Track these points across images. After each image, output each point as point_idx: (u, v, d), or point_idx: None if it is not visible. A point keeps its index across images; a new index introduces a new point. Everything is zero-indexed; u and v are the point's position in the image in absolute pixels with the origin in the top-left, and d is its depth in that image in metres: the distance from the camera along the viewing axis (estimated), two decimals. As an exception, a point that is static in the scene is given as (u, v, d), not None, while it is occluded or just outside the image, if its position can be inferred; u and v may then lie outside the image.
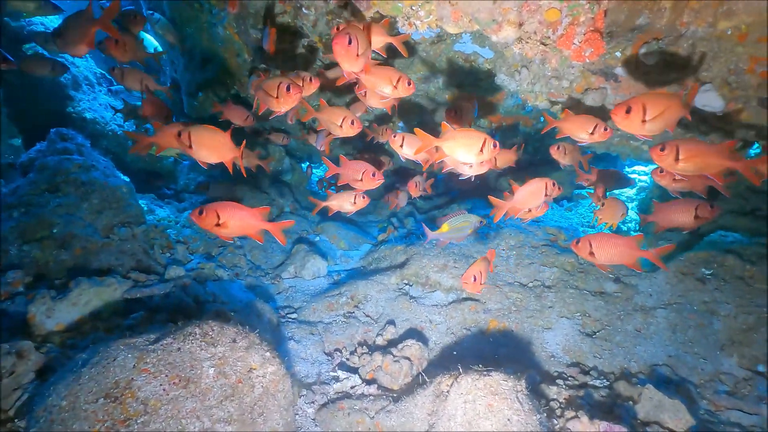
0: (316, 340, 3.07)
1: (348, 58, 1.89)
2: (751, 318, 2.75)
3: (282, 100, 2.94)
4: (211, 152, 2.15)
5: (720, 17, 1.74)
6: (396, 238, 5.16)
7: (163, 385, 1.64)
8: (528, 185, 2.34)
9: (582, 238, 2.16)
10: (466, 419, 1.88)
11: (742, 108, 2.54)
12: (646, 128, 1.83)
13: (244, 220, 2.15)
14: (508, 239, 4.13)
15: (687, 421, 2.07)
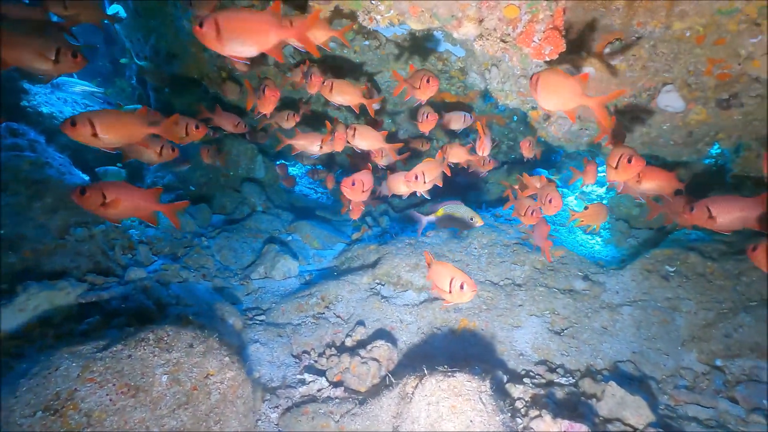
0: (283, 342, 3.00)
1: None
2: (711, 314, 2.82)
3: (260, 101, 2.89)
4: (118, 136, 1.99)
5: (674, 18, 1.76)
6: (370, 237, 5.12)
7: (109, 395, 1.56)
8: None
9: None
10: (429, 421, 1.85)
11: (702, 109, 2.60)
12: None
13: (134, 201, 2.03)
14: (480, 238, 4.14)
15: (647, 417, 2.10)
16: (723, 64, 2.10)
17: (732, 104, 2.43)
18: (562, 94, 1.72)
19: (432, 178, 2.96)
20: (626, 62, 2.42)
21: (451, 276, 2.05)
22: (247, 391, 2.01)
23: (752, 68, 1.82)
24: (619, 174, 2.07)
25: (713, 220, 1.98)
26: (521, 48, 1.68)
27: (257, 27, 1.60)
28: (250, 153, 5.72)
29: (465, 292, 2.03)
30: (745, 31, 1.76)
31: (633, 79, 2.56)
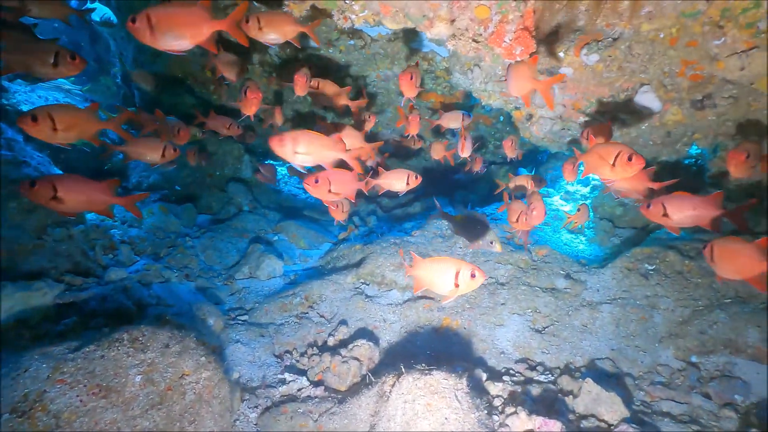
0: (265, 342, 2.99)
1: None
2: (687, 311, 2.87)
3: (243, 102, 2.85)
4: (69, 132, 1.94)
5: (642, 20, 1.79)
6: (356, 237, 5.13)
7: (80, 396, 1.55)
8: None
9: None
10: (404, 419, 1.87)
11: (678, 109, 2.64)
12: None
13: (88, 194, 1.94)
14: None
15: (621, 412, 2.13)
16: (695, 65, 2.14)
17: (706, 105, 2.47)
18: (519, 78, 1.78)
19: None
20: (603, 63, 2.45)
21: (457, 268, 1.92)
22: (224, 391, 2.00)
23: (717, 70, 1.86)
24: (616, 172, 1.99)
25: (667, 217, 2.01)
26: (493, 48, 1.70)
27: (189, 20, 1.62)
28: (237, 153, 5.69)
29: (477, 280, 1.91)
30: (708, 33, 1.80)
31: (610, 79, 2.59)
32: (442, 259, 2.00)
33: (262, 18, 2.16)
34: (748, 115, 2.45)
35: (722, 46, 1.79)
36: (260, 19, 2.22)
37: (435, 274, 1.97)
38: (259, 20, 2.22)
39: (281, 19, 2.24)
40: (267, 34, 2.12)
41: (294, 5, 2.05)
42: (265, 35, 2.11)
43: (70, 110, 1.99)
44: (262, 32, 2.19)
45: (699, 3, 1.66)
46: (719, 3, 1.62)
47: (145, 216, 3.95)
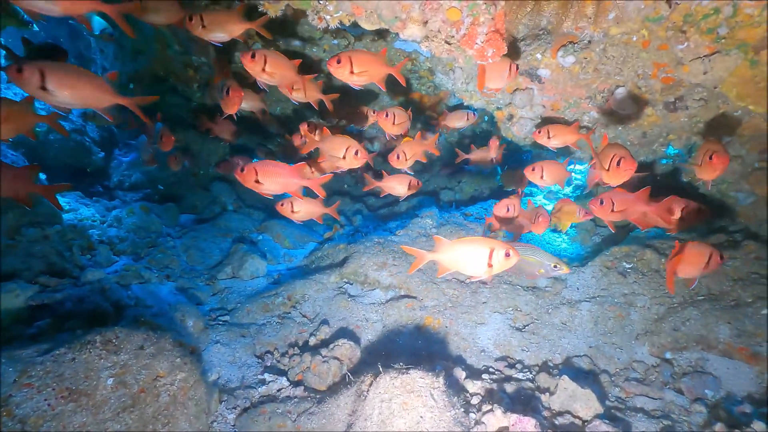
0: (246, 342, 2.98)
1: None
2: (662, 308, 2.92)
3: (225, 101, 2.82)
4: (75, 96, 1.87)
5: (611, 24, 1.82)
6: (342, 236, 5.13)
7: (48, 400, 1.53)
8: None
9: None
10: (381, 418, 1.87)
11: (652, 111, 2.69)
12: None
13: (3, 181, 1.90)
14: (448, 236, 4.19)
15: (596, 408, 2.16)
16: (666, 68, 2.18)
17: (678, 107, 2.52)
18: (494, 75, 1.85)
19: (413, 155, 3.01)
20: (579, 65, 2.48)
21: (490, 248, 1.85)
22: (201, 393, 1.99)
23: (683, 73, 1.90)
24: (610, 177, 2.01)
25: (617, 213, 2.06)
26: (465, 50, 1.71)
27: None
28: (221, 152, 5.65)
29: (512, 259, 1.86)
30: (672, 38, 1.83)
31: (587, 81, 2.63)
32: (471, 239, 1.93)
33: (207, 17, 2.15)
34: (717, 117, 2.50)
35: (686, 51, 1.83)
36: (204, 17, 2.20)
37: (465, 256, 1.90)
38: (203, 18, 2.20)
39: (226, 18, 2.22)
40: (212, 33, 2.11)
41: (269, 5, 2.04)
42: (209, 33, 2.10)
43: (4, 104, 1.95)
44: (206, 30, 2.16)
45: (662, 9, 1.70)
46: (682, 8, 1.65)
47: (126, 216, 3.90)
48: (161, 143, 3.33)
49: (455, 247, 1.92)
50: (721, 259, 1.90)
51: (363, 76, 2.05)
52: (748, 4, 1.49)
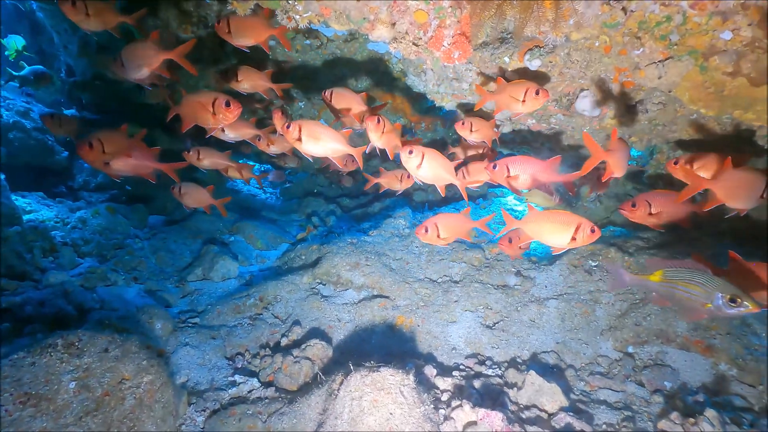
0: (217, 344, 2.94)
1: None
2: (625, 304, 3.04)
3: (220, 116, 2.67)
4: None
5: (572, 29, 1.89)
6: (315, 237, 5.11)
7: (4, 406, 1.48)
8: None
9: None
10: (351, 416, 1.89)
11: (614, 114, 2.80)
12: None
13: None
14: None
15: (561, 402, 2.24)
16: (627, 72, 2.28)
17: (639, 110, 2.64)
18: None
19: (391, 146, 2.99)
20: (545, 68, 2.56)
21: (578, 223, 1.95)
22: (168, 395, 1.95)
23: (640, 77, 1.99)
24: (527, 106, 2.14)
25: (512, 178, 2.16)
26: (432, 52, 1.75)
27: None
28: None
29: (596, 234, 1.97)
30: (629, 44, 1.93)
31: (552, 84, 2.71)
32: (561, 213, 2.04)
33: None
34: (675, 120, 2.63)
35: (642, 56, 1.92)
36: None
37: (552, 227, 2.01)
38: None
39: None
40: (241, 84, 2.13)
41: (237, 4, 2.03)
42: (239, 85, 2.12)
43: None
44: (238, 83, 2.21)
45: (618, 16, 1.78)
46: (636, 16, 1.74)
47: (91, 217, 3.78)
48: None
49: (543, 218, 2.05)
50: None
51: (312, 147, 2.02)
52: (695, 12, 1.59)
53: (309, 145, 1.94)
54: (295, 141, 1.94)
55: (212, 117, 2.28)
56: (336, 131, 1.92)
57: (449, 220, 2.46)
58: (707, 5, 1.49)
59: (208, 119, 2.30)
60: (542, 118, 3.19)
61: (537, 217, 2.07)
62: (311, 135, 1.91)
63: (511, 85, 2.10)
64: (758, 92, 1.64)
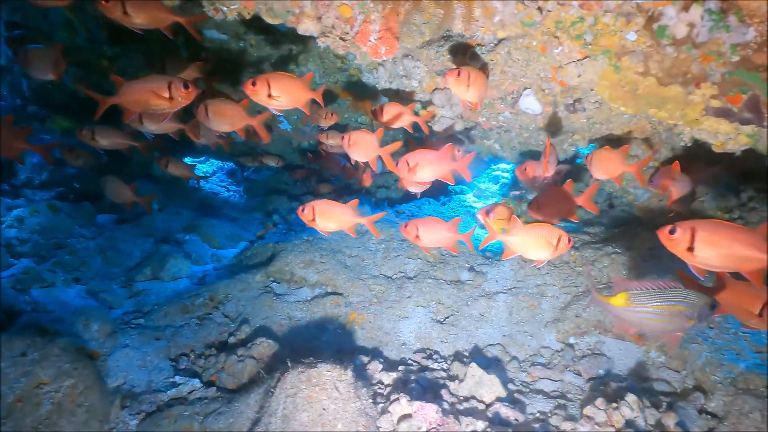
0: (161, 345, 2.86)
1: None
2: (568, 297, 3.14)
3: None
4: None
5: (497, 27, 1.93)
6: (275, 235, 5.05)
7: None
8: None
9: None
10: (284, 413, 1.87)
11: (555, 112, 2.87)
12: None
13: None
14: (380, 233, 4.24)
15: (499, 393, 2.29)
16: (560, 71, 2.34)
17: (577, 108, 2.72)
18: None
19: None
20: (488, 67, 2.60)
21: (559, 234, 2.01)
22: (93, 399, 1.89)
23: (563, 75, 2.06)
24: None
25: (413, 171, 2.21)
26: (360, 47, 1.75)
27: None
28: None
29: (570, 243, 2.04)
30: (548, 42, 1.99)
31: (496, 82, 2.76)
32: (541, 225, 2.06)
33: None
34: (611, 119, 2.72)
35: (562, 55, 1.98)
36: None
37: (537, 241, 2.03)
38: None
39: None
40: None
41: (164, -8, 1.98)
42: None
43: None
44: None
45: (534, 14, 1.83)
46: (553, 15, 1.79)
47: (29, 215, 3.61)
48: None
49: (526, 231, 2.04)
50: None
51: (283, 101, 1.96)
52: (605, 13, 1.65)
53: (275, 101, 1.92)
54: (266, 98, 1.89)
55: (168, 102, 2.16)
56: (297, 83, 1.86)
57: (433, 226, 2.38)
58: (593, 5, 1.55)
59: (162, 104, 2.19)
60: (491, 115, 3.25)
61: (521, 232, 2.05)
62: (277, 87, 1.87)
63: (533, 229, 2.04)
64: (666, 91, 1.72)
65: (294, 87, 1.92)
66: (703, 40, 1.54)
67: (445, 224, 2.40)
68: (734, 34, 1.49)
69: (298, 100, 2.00)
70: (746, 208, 3.05)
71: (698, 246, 1.43)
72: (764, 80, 1.52)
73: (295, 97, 1.96)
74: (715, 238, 1.42)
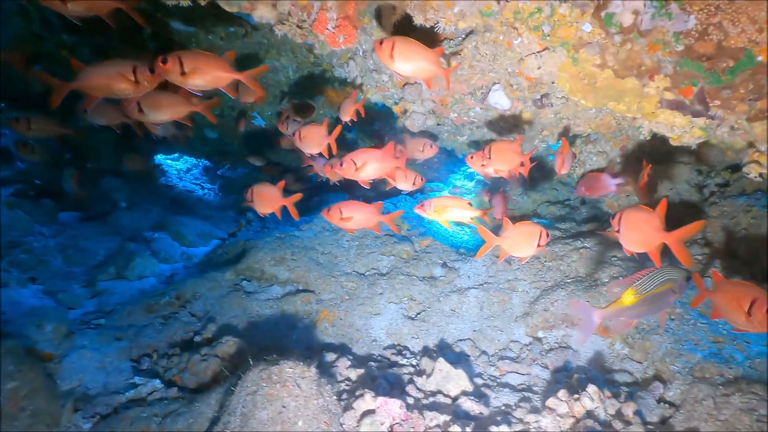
0: (122, 346, 2.76)
1: None
2: (538, 291, 3.16)
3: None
4: None
5: (457, 18, 1.92)
6: (247, 232, 4.96)
7: None
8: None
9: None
10: (244, 412, 1.82)
11: (524, 107, 2.89)
12: None
13: None
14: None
15: (465, 387, 2.28)
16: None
17: (545, 104, 2.73)
18: (418, 62, 1.80)
19: None
20: (456, 61, 2.59)
21: (540, 230, 2.07)
22: (39, 403, 1.80)
23: (523, 67, 2.06)
24: None
25: (359, 172, 2.24)
26: (317, 35, 1.72)
27: None
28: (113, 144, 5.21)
29: (548, 237, 2.11)
30: (507, 33, 1.99)
31: (465, 77, 2.75)
32: (523, 223, 2.12)
33: None
34: (578, 114, 2.75)
35: (521, 46, 1.98)
36: None
37: (524, 239, 2.10)
38: None
39: None
40: None
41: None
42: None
43: None
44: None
45: (492, 4, 1.83)
46: (511, 6, 1.79)
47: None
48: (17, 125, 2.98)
49: (515, 230, 2.12)
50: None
51: (199, 79, 1.80)
52: (561, 3, 1.65)
53: (191, 81, 1.79)
54: (180, 77, 1.75)
55: (133, 86, 2.05)
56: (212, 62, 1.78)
57: (357, 207, 2.47)
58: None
59: (127, 89, 2.08)
60: (462, 111, 3.25)
61: (511, 232, 2.14)
62: (191, 65, 1.73)
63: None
64: (623, 84, 1.74)
65: (211, 66, 1.78)
66: (647, 28, 1.55)
67: (368, 206, 2.50)
68: (676, 21, 1.51)
69: (218, 81, 1.85)
70: (708, 203, 3.13)
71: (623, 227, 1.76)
72: (707, 69, 1.54)
73: (214, 76, 1.82)
74: (633, 222, 1.70)
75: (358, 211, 2.47)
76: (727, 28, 1.44)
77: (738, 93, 1.51)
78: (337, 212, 2.46)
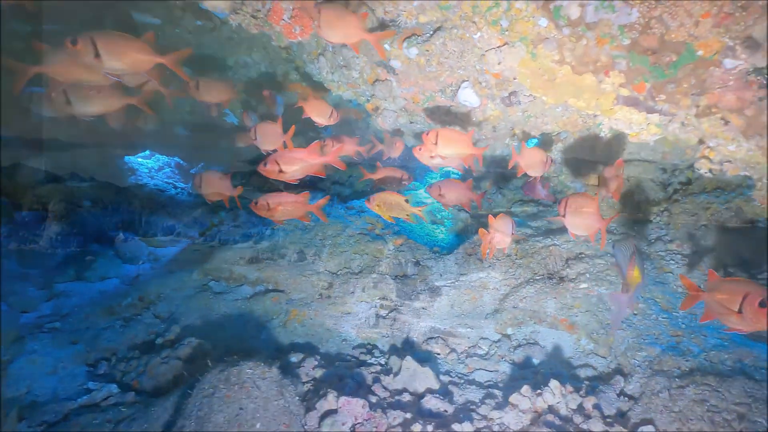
0: (77, 350, 2.65)
1: None
2: (508, 289, 3.17)
3: None
4: None
5: (419, 12, 1.90)
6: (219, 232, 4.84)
7: None
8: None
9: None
10: (199, 415, 1.75)
11: (493, 105, 2.89)
12: None
13: None
14: (326, 229, 4.15)
15: (432, 385, 2.26)
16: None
17: (513, 102, 2.74)
18: (343, 27, 1.77)
19: None
20: (424, 57, 2.58)
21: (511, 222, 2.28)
22: (-22, 409, 1.69)
23: (484, 62, 2.06)
24: None
25: (283, 173, 2.23)
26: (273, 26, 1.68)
27: None
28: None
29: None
30: (466, 27, 1.98)
31: (434, 74, 2.73)
32: (500, 216, 2.42)
33: None
34: (545, 112, 2.76)
35: (482, 41, 1.98)
36: None
37: (504, 231, 2.35)
38: None
39: None
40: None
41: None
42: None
43: None
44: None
45: None
46: (470, 1, 1.78)
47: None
48: None
49: (500, 225, 2.39)
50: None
51: (116, 62, 1.65)
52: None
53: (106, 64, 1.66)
54: (94, 60, 1.60)
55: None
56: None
57: (283, 198, 2.49)
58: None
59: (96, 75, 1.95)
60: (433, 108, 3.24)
61: (500, 227, 2.40)
62: (105, 46, 1.59)
63: None
64: (581, 80, 1.75)
65: (129, 47, 1.64)
66: (593, 21, 1.57)
67: (295, 196, 2.55)
68: (620, 14, 1.52)
69: (138, 64, 1.70)
70: (671, 200, 3.19)
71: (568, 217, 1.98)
72: (652, 64, 1.56)
73: (133, 59, 1.67)
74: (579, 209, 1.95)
75: (285, 201, 2.48)
76: (668, 22, 1.45)
77: (681, 87, 1.54)
78: (264, 204, 2.43)
